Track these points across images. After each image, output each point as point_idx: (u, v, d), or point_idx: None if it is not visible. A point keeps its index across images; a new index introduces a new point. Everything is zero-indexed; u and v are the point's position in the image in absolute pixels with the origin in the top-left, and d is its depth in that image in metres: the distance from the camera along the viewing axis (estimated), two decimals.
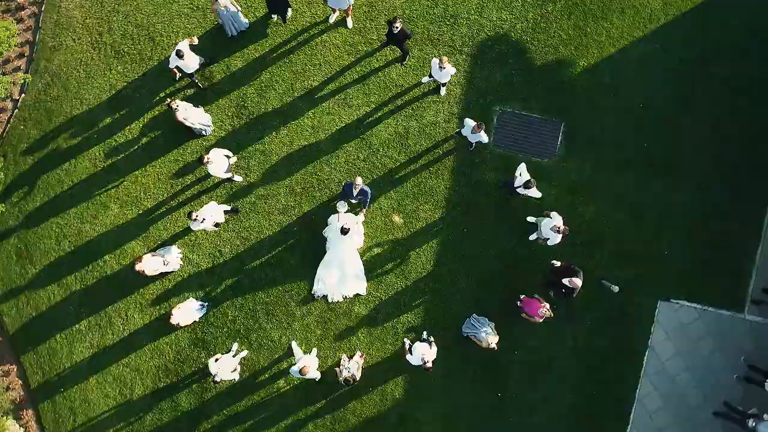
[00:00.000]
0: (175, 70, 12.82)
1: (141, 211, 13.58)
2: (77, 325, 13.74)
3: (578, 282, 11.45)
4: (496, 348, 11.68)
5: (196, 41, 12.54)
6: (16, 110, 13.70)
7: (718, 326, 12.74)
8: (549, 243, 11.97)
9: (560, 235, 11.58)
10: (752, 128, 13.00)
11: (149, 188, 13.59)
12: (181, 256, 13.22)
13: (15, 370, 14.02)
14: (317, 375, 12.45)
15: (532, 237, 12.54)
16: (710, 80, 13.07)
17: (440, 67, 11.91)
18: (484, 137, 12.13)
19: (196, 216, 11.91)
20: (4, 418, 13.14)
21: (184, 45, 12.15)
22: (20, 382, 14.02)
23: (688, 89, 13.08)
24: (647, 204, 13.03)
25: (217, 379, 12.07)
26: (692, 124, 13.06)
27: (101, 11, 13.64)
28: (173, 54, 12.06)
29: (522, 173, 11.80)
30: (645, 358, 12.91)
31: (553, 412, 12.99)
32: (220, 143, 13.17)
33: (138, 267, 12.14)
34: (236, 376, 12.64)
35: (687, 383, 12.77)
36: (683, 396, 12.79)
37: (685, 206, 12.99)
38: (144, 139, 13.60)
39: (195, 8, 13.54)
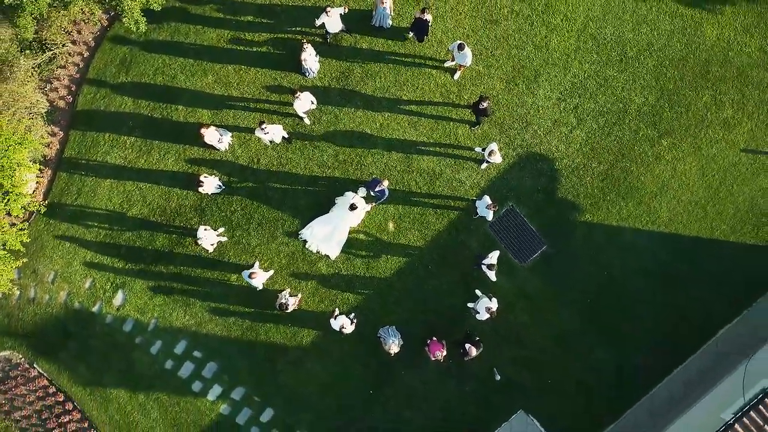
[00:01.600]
0: (318, 21, 15.72)
1: (226, 94, 16.49)
2: (126, 138, 16.64)
3: (474, 352, 14.38)
4: (392, 355, 14.60)
5: (346, 11, 15.46)
6: None
7: None
8: (477, 317, 14.86)
9: (488, 315, 14.49)
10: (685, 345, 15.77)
11: (243, 83, 16.49)
12: (231, 143, 16.13)
13: (61, 136, 16.90)
14: (260, 286, 15.37)
15: (470, 305, 15.39)
16: (675, 294, 15.85)
17: (491, 152, 14.88)
18: (489, 215, 15.10)
19: (265, 127, 14.83)
20: (32, 163, 15.90)
21: (335, 11, 15.07)
22: (58, 147, 16.91)
23: (653, 291, 15.88)
24: (573, 346, 15.83)
25: (199, 242, 14.99)
26: (647, 313, 15.85)
27: None
28: (323, 12, 14.99)
29: (492, 258, 14.73)
30: None
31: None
32: (312, 90, 16.06)
33: (202, 131, 15.09)
34: (210, 249, 15.55)
35: None
36: None
37: (599, 362, 15.79)
38: (265, 48, 16.52)
39: None
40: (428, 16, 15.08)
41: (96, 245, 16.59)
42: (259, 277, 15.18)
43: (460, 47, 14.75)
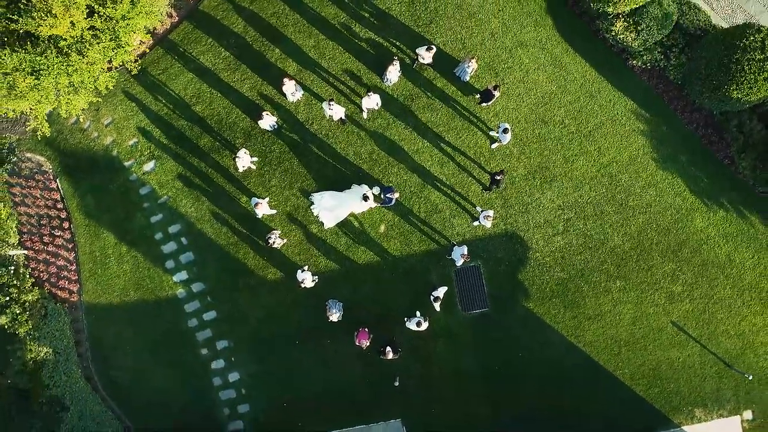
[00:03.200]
0: (419, 50, 18.52)
1: (317, 61, 19.29)
2: (223, 50, 19.49)
3: (390, 356, 17.19)
4: (329, 321, 17.47)
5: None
6: None
7: None
8: (407, 324, 17.58)
9: (419, 329, 17.33)
10: None
11: (334, 59, 19.30)
12: (300, 99, 18.99)
13: (175, 20, 19.70)
14: (260, 216, 18.30)
15: (414, 318, 18.13)
16: (561, 395, 18.73)
17: (486, 216, 17.76)
18: (459, 262, 17.95)
19: (332, 104, 17.69)
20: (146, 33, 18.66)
21: (432, 52, 17.94)
22: (168, 27, 19.69)
23: (545, 384, 18.74)
24: (465, 389, 18.62)
25: (234, 159, 17.90)
26: (530, 396, 18.74)
27: None
28: (424, 48, 17.85)
29: (440, 292, 17.59)
30: None
31: (311, 389, 18.67)
32: (381, 94, 18.85)
33: (285, 79, 18.01)
34: (240, 169, 18.40)
35: None
36: None
37: (477, 411, 18.60)
38: (365, 43, 19.37)
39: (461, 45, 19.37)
40: (497, 93, 17.99)
41: (154, 116, 19.40)
42: (262, 209, 18.02)
43: (505, 130, 17.64)
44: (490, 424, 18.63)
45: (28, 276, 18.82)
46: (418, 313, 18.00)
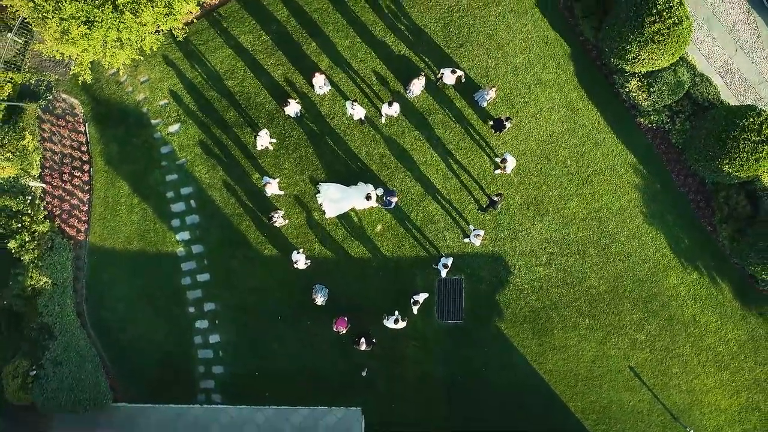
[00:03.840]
0: (441, 71, 19.71)
1: (349, 61, 20.46)
2: (263, 34, 20.68)
3: (363, 347, 18.36)
4: (313, 303, 18.66)
5: (463, 80, 19.52)
6: None
7: None
8: (384, 322, 18.74)
9: (396, 327, 18.50)
10: None
11: (364, 62, 20.47)
12: (326, 94, 20.15)
13: None
14: (268, 194, 19.46)
15: (392, 317, 19.18)
16: (512, 415, 19.87)
17: (477, 236, 18.96)
18: (443, 273, 19.16)
19: (355, 105, 18.87)
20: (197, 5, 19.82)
21: (456, 75, 19.15)
22: (216, 3, 20.83)
23: (500, 402, 19.91)
24: (428, 391, 19.76)
25: (255, 137, 19.13)
26: (482, 411, 19.90)
27: None
28: (448, 70, 19.05)
29: (421, 297, 18.75)
30: None
31: (284, 364, 19.82)
32: (402, 104, 20.02)
33: (316, 73, 19.22)
34: (258, 148, 19.59)
35: None
36: None
37: (439, 413, 19.73)
38: (395, 55, 20.53)
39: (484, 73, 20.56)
40: (508, 124, 19.17)
41: (188, 83, 20.56)
42: (271, 188, 19.16)
43: (504, 160, 18.82)
44: (443, 428, 19.76)
45: (42, 208, 19.94)
46: (396, 312, 19.12)
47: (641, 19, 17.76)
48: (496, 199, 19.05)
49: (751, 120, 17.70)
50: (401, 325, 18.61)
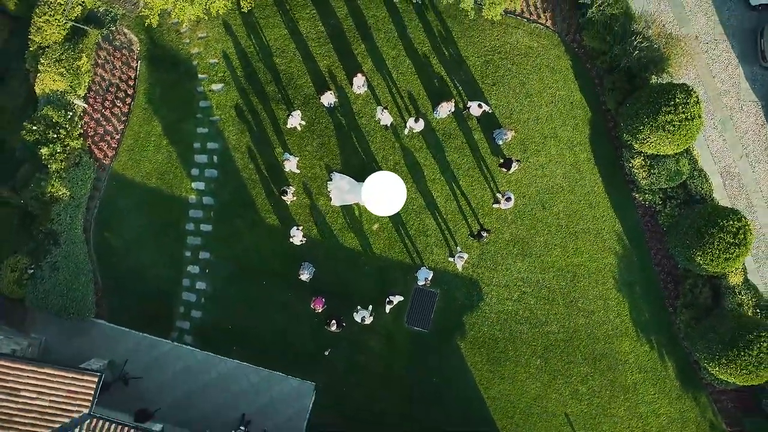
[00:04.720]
0: (470, 104, 21.29)
1: (392, 69, 22.00)
2: (321, 25, 22.20)
3: (334, 328, 19.93)
4: (299, 278, 20.20)
5: (490, 110, 21.14)
6: None
7: None
8: (355, 315, 20.31)
9: (361, 323, 20.04)
10: None
11: (404, 75, 22.00)
12: (362, 94, 21.69)
13: None
14: (286, 169, 21.06)
15: (363, 312, 20.64)
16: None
17: (461, 258, 20.56)
18: (420, 283, 20.73)
19: (384, 111, 20.46)
20: None
21: (482, 109, 20.74)
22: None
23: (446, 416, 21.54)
24: (388, 384, 21.31)
25: (288, 116, 20.66)
26: (435, 415, 21.47)
27: None
28: (476, 103, 20.64)
29: (396, 299, 20.32)
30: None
31: (257, 325, 21.35)
32: (427, 122, 21.59)
33: (358, 73, 20.82)
34: (288, 126, 21.15)
35: None
36: None
37: (389, 408, 21.29)
38: (435, 78, 22.10)
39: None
40: (516, 166, 20.76)
41: (240, 50, 22.12)
42: (290, 165, 20.74)
43: (508, 198, 20.45)
44: (387, 421, 21.31)
45: (79, 126, 21.46)
46: (370, 307, 20.63)
47: (659, 106, 19.34)
48: (483, 234, 20.60)
49: (731, 223, 19.29)
50: (369, 321, 20.16)
